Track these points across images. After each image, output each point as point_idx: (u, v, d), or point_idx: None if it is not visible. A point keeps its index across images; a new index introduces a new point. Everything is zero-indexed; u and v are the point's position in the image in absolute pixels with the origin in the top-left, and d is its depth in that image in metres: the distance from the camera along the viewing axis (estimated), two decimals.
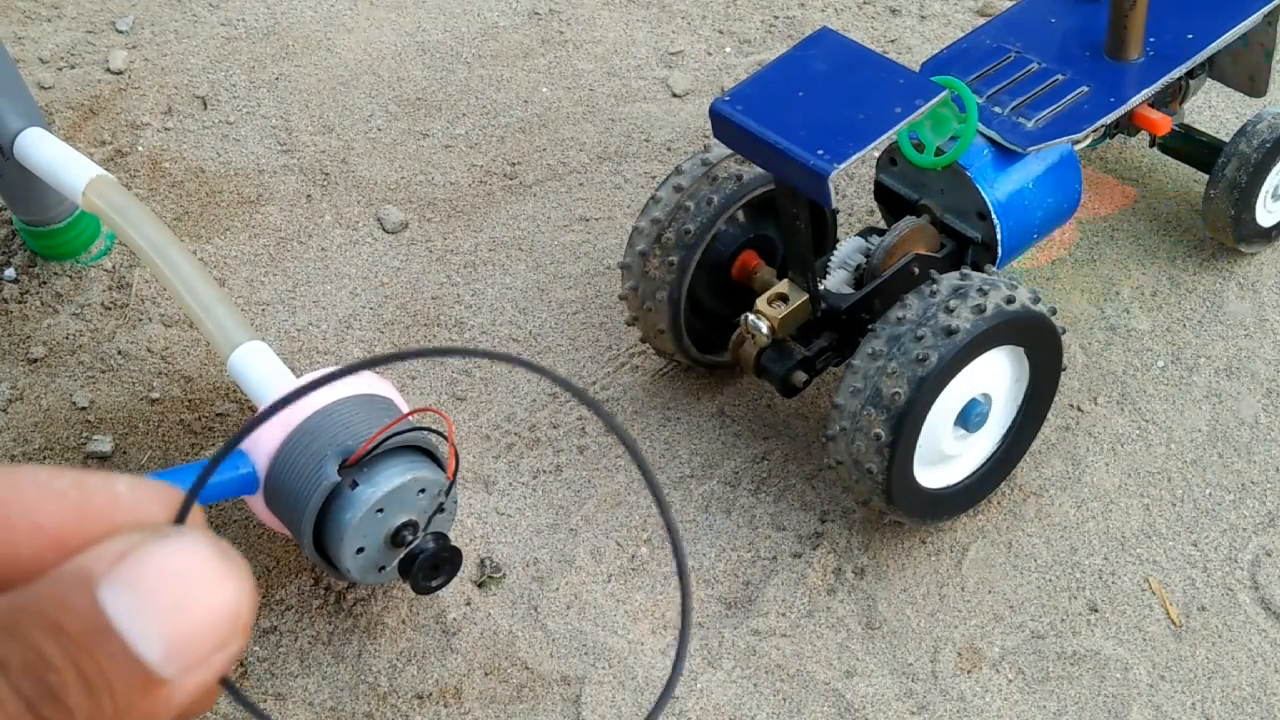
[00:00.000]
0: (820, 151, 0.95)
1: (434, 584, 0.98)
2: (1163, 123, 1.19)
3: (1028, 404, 1.08)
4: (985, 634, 1.06)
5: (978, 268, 1.11)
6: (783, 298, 1.07)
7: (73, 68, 1.57)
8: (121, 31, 1.62)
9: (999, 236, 1.10)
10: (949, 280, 1.02)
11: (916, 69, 1.17)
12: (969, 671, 1.04)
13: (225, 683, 0.25)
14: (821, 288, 1.09)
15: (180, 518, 0.24)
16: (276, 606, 1.08)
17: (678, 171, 1.13)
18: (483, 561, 1.10)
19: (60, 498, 0.24)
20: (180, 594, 0.22)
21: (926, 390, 0.98)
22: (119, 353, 1.27)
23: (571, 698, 1.03)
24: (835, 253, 1.12)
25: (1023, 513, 1.13)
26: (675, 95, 1.52)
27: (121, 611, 0.22)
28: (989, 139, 1.10)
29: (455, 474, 0.98)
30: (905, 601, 1.08)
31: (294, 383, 0.99)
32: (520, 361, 0.31)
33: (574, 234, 1.37)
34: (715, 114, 1.01)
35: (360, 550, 0.95)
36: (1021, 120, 1.12)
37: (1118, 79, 1.15)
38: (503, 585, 1.10)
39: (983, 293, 1.00)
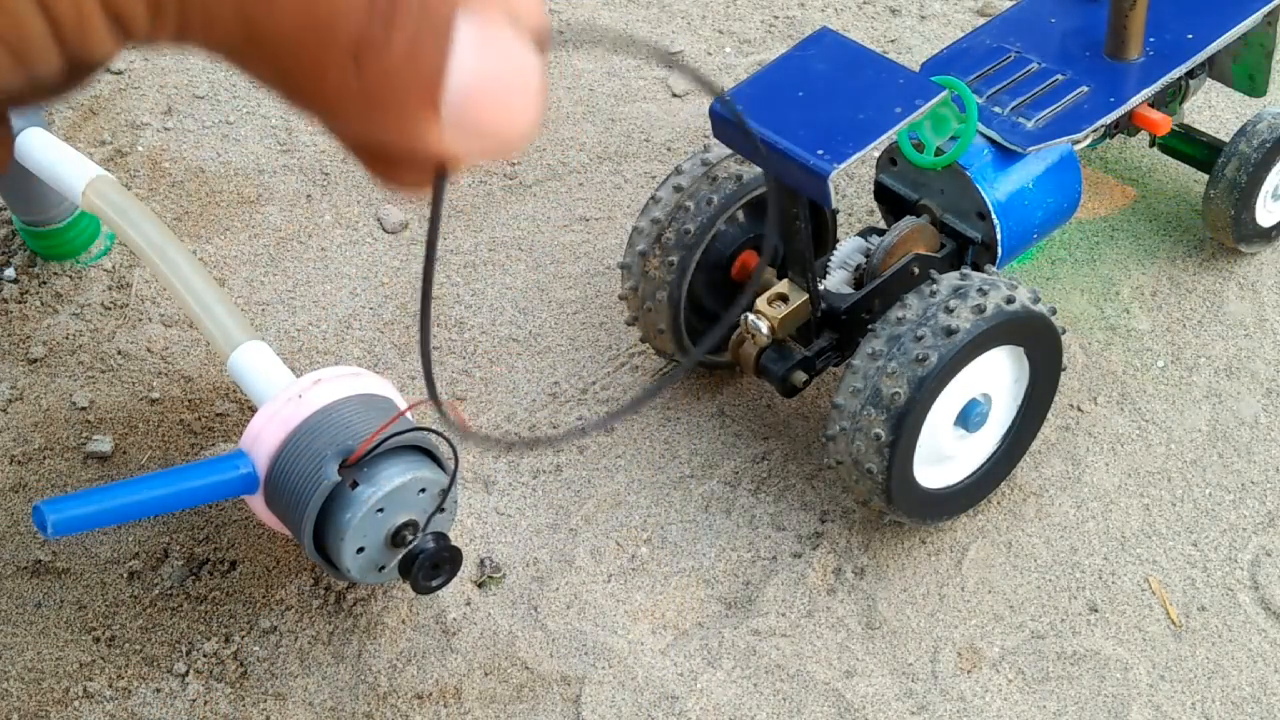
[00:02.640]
0: (820, 151, 0.95)
1: (434, 584, 0.98)
2: (1163, 123, 1.19)
3: (1028, 404, 1.08)
4: (985, 634, 1.06)
5: (978, 268, 1.11)
6: (783, 298, 1.07)
7: None
8: None
9: (999, 236, 1.10)
10: (949, 280, 1.02)
11: (916, 69, 1.18)
12: (969, 671, 1.04)
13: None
14: (821, 288, 1.09)
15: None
16: (276, 606, 1.08)
17: (678, 171, 1.13)
18: (483, 561, 1.10)
19: None
20: (515, 70, 0.24)
21: (926, 390, 0.98)
22: (119, 353, 1.27)
23: (571, 698, 1.03)
24: (835, 253, 1.12)
25: (1023, 513, 1.13)
26: (675, 95, 1.52)
27: (471, 48, 0.23)
28: (989, 139, 1.10)
29: (457, 465, 0.98)
30: (905, 601, 1.08)
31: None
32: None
33: (574, 234, 1.37)
34: (715, 114, 1.01)
35: (360, 550, 0.95)
36: (1021, 120, 1.12)
37: (1118, 79, 1.16)
38: (503, 585, 1.10)
39: (983, 293, 1.00)
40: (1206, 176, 1.26)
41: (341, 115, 0.22)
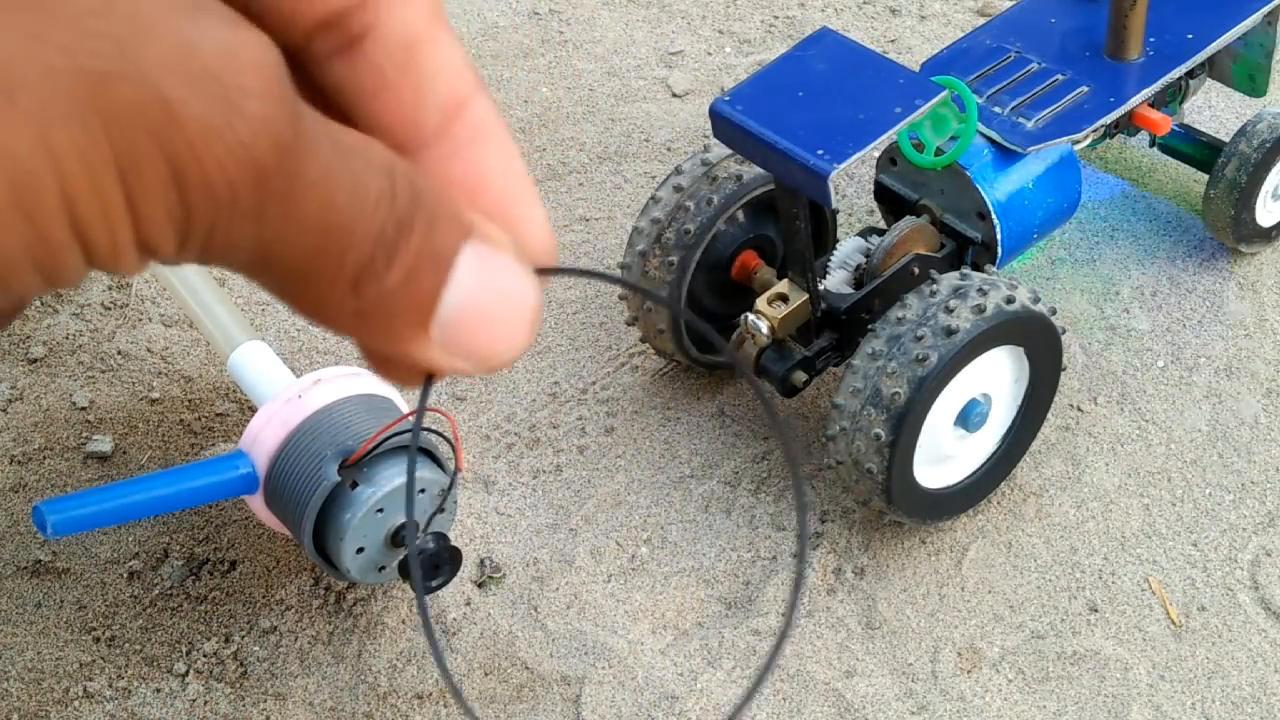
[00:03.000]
0: (820, 151, 0.95)
1: (434, 584, 0.98)
2: (1163, 123, 1.19)
3: (1028, 404, 1.08)
4: (985, 634, 1.06)
5: (978, 268, 1.11)
6: (783, 298, 1.07)
7: None
8: None
9: (999, 236, 1.10)
10: (949, 280, 1.02)
11: (916, 69, 1.18)
12: (969, 671, 1.04)
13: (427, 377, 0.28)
14: (821, 288, 1.09)
15: (542, 272, 0.27)
16: (276, 606, 1.08)
17: (678, 171, 1.13)
18: (483, 561, 1.11)
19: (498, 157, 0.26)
20: (513, 300, 0.25)
21: (926, 390, 0.98)
22: (119, 353, 1.27)
23: (571, 698, 1.03)
24: (835, 253, 1.12)
25: (1023, 513, 1.13)
26: (675, 95, 1.52)
27: (469, 277, 0.24)
28: (989, 139, 1.10)
29: (458, 470, 0.98)
30: (905, 601, 1.08)
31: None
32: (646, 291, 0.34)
33: (574, 234, 1.37)
34: (715, 114, 1.01)
35: (360, 550, 0.95)
36: (1021, 120, 1.12)
37: (1118, 79, 1.16)
38: (503, 585, 1.10)
39: (983, 293, 1.00)
40: (1206, 176, 1.26)
41: (338, 329, 0.24)
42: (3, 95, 0.19)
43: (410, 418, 0.97)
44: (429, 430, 0.99)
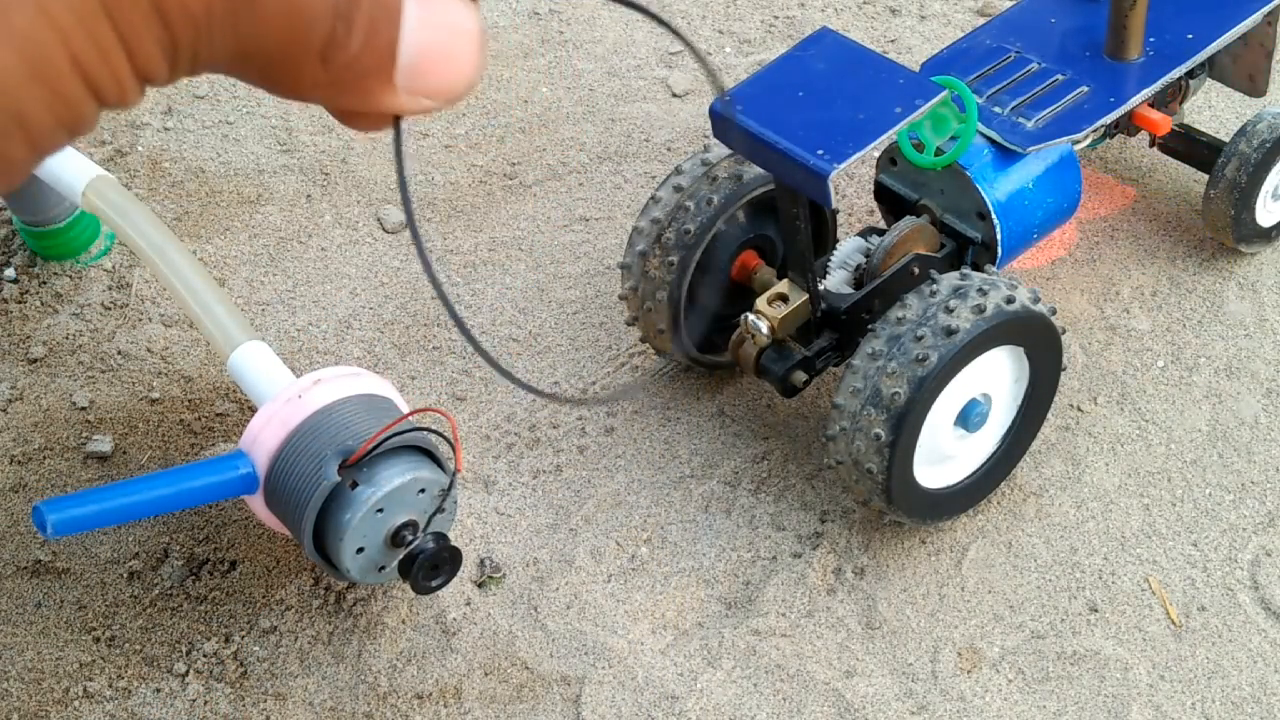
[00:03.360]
0: (820, 151, 0.95)
1: (434, 584, 0.98)
2: (1163, 123, 1.19)
3: (1028, 404, 1.09)
4: (985, 634, 1.06)
5: (978, 268, 1.11)
6: (783, 298, 1.07)
7: None
8: None
9: (999, 236, 1.10)
10: (949, 280, 1.02)
11: (916, 69, 1.18)
12: (969, 671, 1.04)
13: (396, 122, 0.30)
14: (821, 288, 1.09)
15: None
16: (276, 606, 1.08)
17: (678, 171, 1.13)
18: (483, 561, 1.11)
19: None
20: (456, 27, 0.28)
21: (926, 390, 0.98)
22: (119, 353, 1.27)
23: (571, 698, 1.03)
24: (835, 253, 1.12)
25: (1023, 513, 1.13)
26: (675, 95, 1.52)
27: (416, 16, 0.27)
28: (989, 139, 1.10)
29: (458, 471, 0.98)
30: (905, 601, 1.08)
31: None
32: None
33: (574, 234, 1.37)
34: (715, 114, 1.01)
35: (360, 550, 0.95)
36: (1021, 120, 1.12)
37: (1118, 79, 1.16)
38: (503, 585, 1.10)
39: (983, 293, 1.00)
40: (1206, 176, 1.26)
41: (314, 99, 0.27)
42: None
43: (410, 418, 0.97)
44: (429, 430, 0.98)
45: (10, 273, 1.33)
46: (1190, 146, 1.30)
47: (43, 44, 0.22)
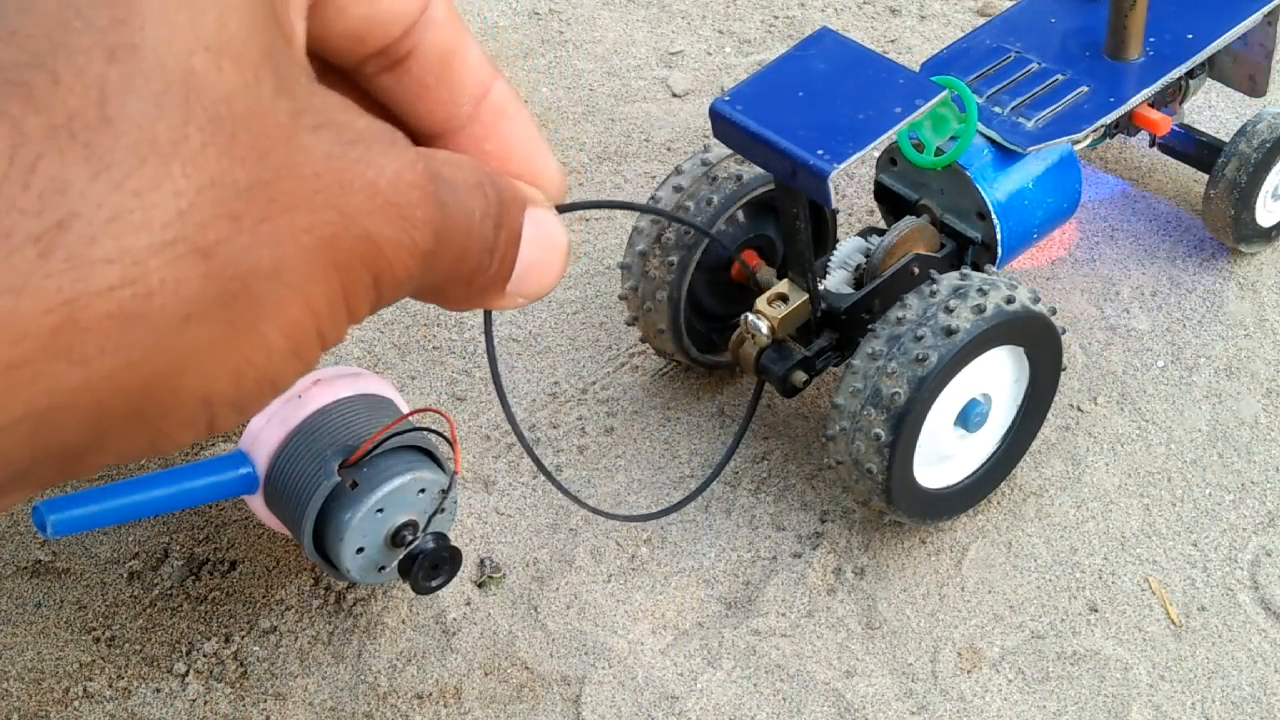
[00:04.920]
0: (820, 151, 0.95)
1: (434, 584, 0.98)
2: (1163, 123, 1.19)
3: (1028, 404, 1.09)
4: (985, 634, 1.06)
5: (978, 268, 1.11)
6: (783, 298, 1.07)
7: None
8: None
9: (999, 236, 1.10)
10: (949, 280, 1.02)
11: (916, 69, 1.18)
12: (969, 671, 1.04)
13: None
14: (821, 288, 1.09)
15: (560, 209, 0.34)
16: (276, 606, 1.08)
17: (678, 171, 1.13)
18: (483, 561, 1.11)
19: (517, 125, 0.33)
20: (553, 246, 0.32)
21: (926, 390, 0.98)
22: None
23: (571, 698, 1.03)
24: (835, 253, 1.12)
25: (1023, 513, 1.13)
26: (675, 95, 1.52)
27: (528, 237, 0.31)
28: (989, 139, 1.10)
29: (458, 472, 0.98)
30: (905, 601, 1.08)
31: None
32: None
33: (574, 234, 1.37)
34: (715, 114, 1.01)
35: (360, 550, 0.95)
36: (1021, 120, 1.12)
37: (1118, 79, 1.16)
38: (503, 585, 1.10)
39: (983, 293, 1.00)
40: (1206, 176, 1.26)
41: (448, 308, 0.31)
42: (279, 281, 0.25)
43: (410, 418, 0.97)
44: (429, 431, 0.99)
45: None
46: (1190, 146, 1.30)
47: (303, 327, 0.26)
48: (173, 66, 0.23)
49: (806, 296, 1.07)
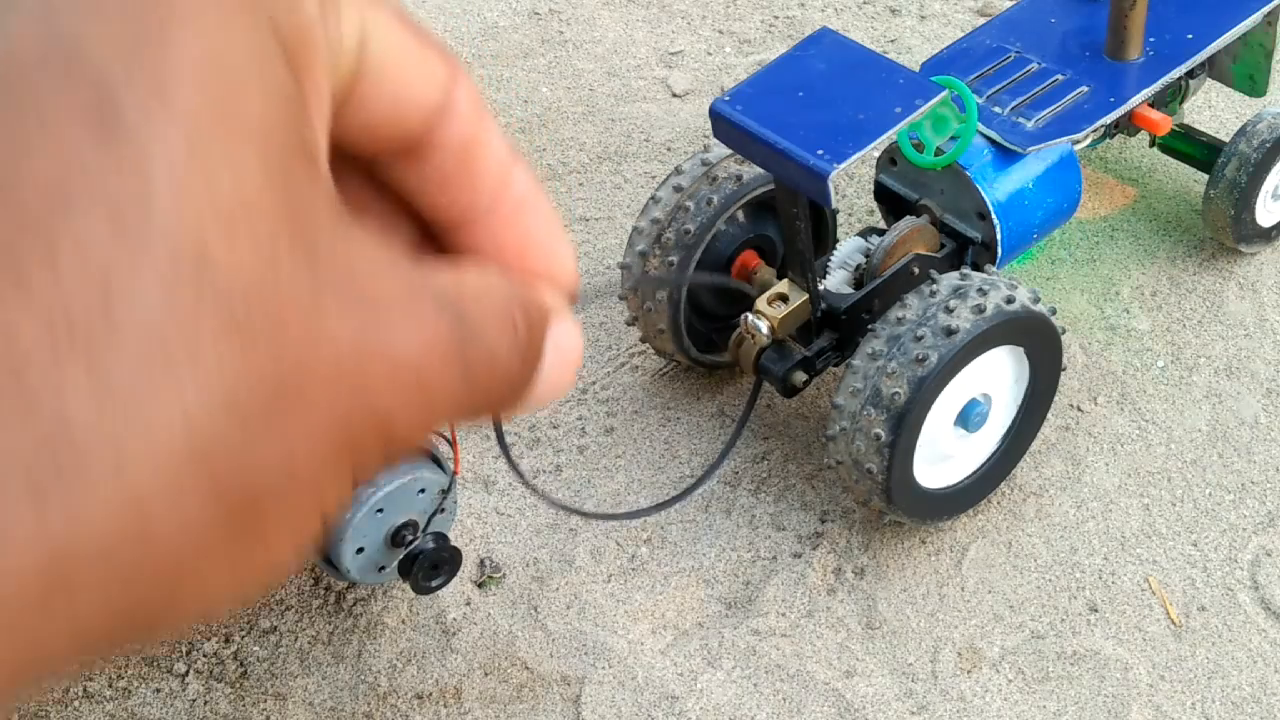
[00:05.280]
0: (820, 151, 0.95)
1: (434, 584, 0.98)
2: (1163, 123, 1.19)
3: (1028, 404, 1.08)
4: (985, 634, 1.06)
5: (978, 268, 1.11)
6: (783, 298, 1.07)
7: None
8: None
9: (999, 236, 1.10)
10: (949, 280, 1.02)
11: (916, 69, 1.18)
12: (969, 671, 1.04)
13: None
14: (821, 288, 1.09)
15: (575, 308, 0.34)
16: (276, 606, 1.08)
17: (678, 171, 1.13)
18: (483, 561, 1.11)
19: (526, 213, 0.32)
20: (569, 356, 0.31)
21: (926, 390, 0.98)
22: None
23: (571, 698, 1.03)
24: (835, 253, 1.12)
25: (1023, 513, 1.13)
26: (675, 95, 1.52)
27: (548, 353, 0.30)
28: (989, 139, 1.10)
29: (457, 472, 0.98)
30: (905, 601, 1.08)
31: None
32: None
33: (574, 234, 1.37)
34: (715, 114, 1.01)
35: (360, 550, 0.95)
36: (1021, 120, 1.12)
37: (1118, 79, 1.16)
38: (503, 585, 1.10)
39: (982, 293, 1.00)
40: (1206, 176, 1.26)
41: (470, 424, 0.31)
42: (287, 479, 0.24)
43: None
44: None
45: None
46: (1190, 146, 1.30)
47: (306, 509, 0.25)
48: (184, 242, 0.21)
49: (806, 296, 1.07)
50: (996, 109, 1.12)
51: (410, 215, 0.30)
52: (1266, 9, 1.20)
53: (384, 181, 0.30)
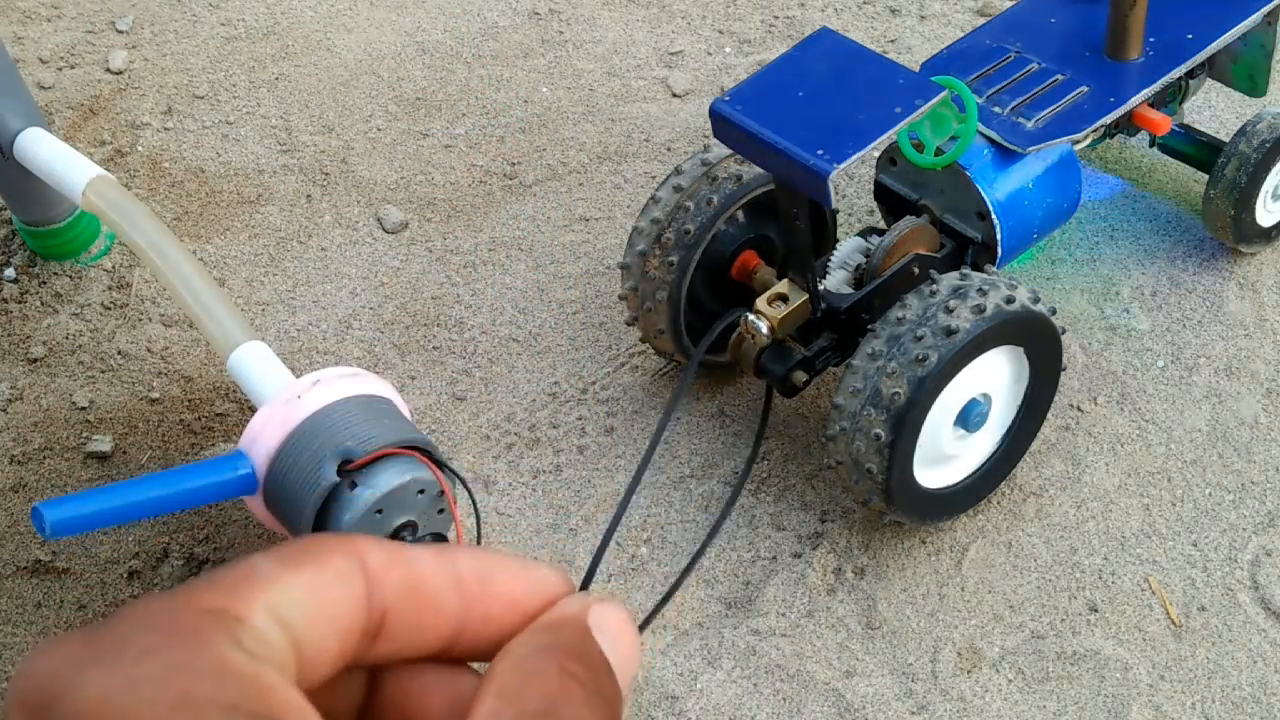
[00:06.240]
0: (820, 151, 0.95)
1: None
2: (1163, 123, 1.19)
3: (1028, 404, 1.08)
4: (985, 634, 1.06)
5: (978, 268, 1.11)
6: (783, 298, 1.07)
7: (73, 68, 1.57)
8: (121, 31, 1.62)
9: (999, 236, 1.10)
10: (949, 280, 1.02)
11: (916, 69, 1.17)
12: (969, 671, 1.04)
13: None
14: (821, 288, 1.09)
15: (584, 585, 0.37)
16: None
17: (677, 171, 1.13)
18: None
19: (519, 576, 0.35)
20: (626, 636, 0.35)
21: (926, 390, 0.98)
22: (119, 353, 1.27)
23: None
24: (835, 253, 1.12)
25: (1023, 513, 1.13)
26: (675, 95, 1.52)
27: (604, 646, 0.34)
28: (989, 139, 1.10)
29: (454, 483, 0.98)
30: (905, 601, 1.08)
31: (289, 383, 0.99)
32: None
33: (574, 234, 1.37)
34: (715, 114, 1.01)
35: None
36: (1021, 120, 1.12)
37: (1118, 79, 1.15)
38: None
39: (982, 293, 1.00)
40: (1206, 176, 1.26)
41: None
42: None
43: (409, 414, 0.97)
44: (432, 440, 0.98)
45: (10, 273, 1.33)
46: (1190, 146, 1.30)
47: None
48: None
49: (806, 296, 1.07)
50: (996, 109, 1.12)
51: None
52: (1266, 9, 1.20)
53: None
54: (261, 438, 0.96)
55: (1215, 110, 1.45)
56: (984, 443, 1.09)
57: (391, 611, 0.31)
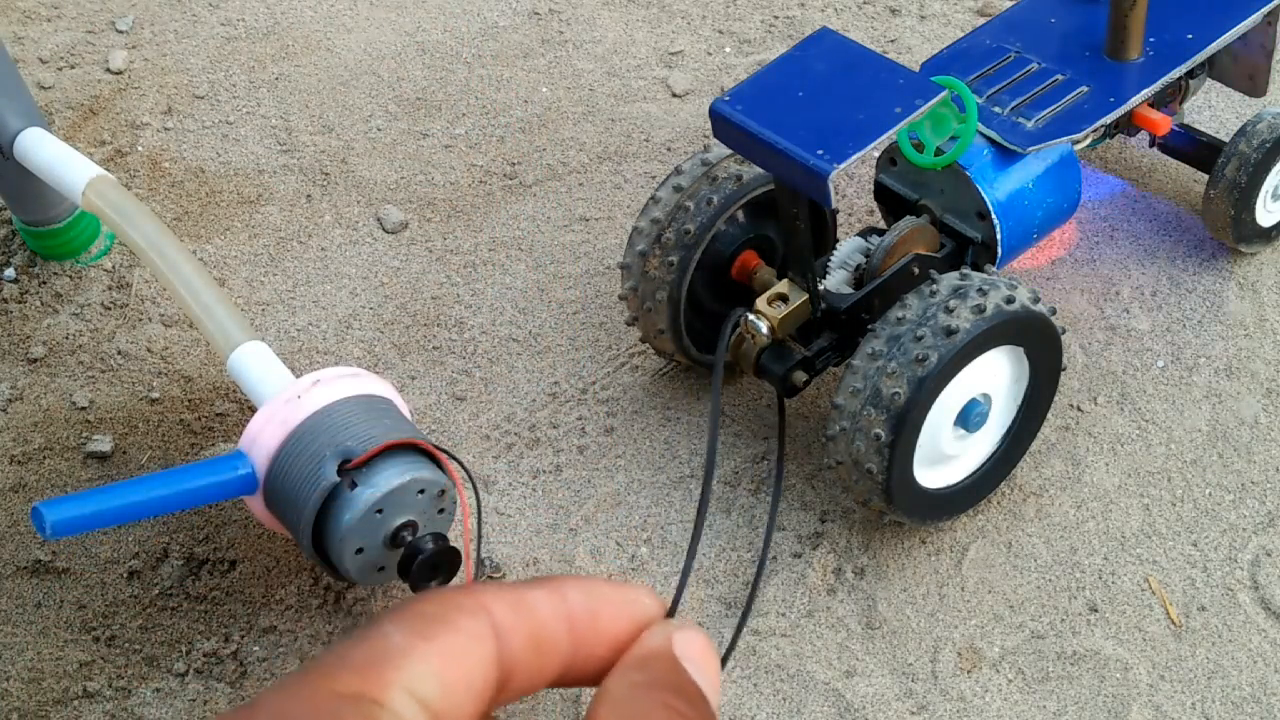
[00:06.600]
0: (820, 151, 0.95)
1: (433, 584, 0.98)
2: (1163, 123, 1.19)
3: (1028, 404, 1.08)
4: (985, 634, 1.06)
5: (978, 268, 1.11)
6: (783, 298, 1.07)
7: (73, 68, 1.57)
8: (121, 31, 1.62)
9: (999, 236, 1.10)
10: (949, 280, 1.02)
11: (916, 69, 1.18)
12: (969, 671, 1.04)
13: None
14: (821, 288, 1.09)
15: (670, 613, 0.37)
16: (276, 606, 1.08)
17: (678, 171, 1.13)
18: (483, 561, 1.10)
19: (622, 609, 0.35)
20: (710, 661, 0.34)
21: (926, 390, 0.98)
22: (119, 353, 1.27)
23: (571, 697, 1.03)
24: (835, 253, 1.12)
25: (1023, 513, 1.13)
26: (675, 95, 1.52)
27: (692, 675, 0.34)
28: (989, 139, 1.10)
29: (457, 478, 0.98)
30: (905, 601, 1.08)
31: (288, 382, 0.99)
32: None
33: (574, 234, 1.37)
34: (715, 114, 1.01)
35: (359, 551, 0.95)
36: (1021, 120, 1.12)
37: (1118, 79, 1.16)
38: None
39: (982, 293, 1.00)
40: (1206, 176, 1.26)
41: None
42: None
43: (408, 414, 0.97)
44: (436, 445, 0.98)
45: (10, 273, 1.33)
46: (1190, 146, 1.30)
47: None
48: None
49: (806, 296, 1.07)
50: (996, 109, 1.12)
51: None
52: (1266, 9, 1.20)
53: None
54: (261, 438, 0.96)
55: (1215, 110, 1.45)
56: (984, 443, 1.09)
57: (518, 664, 0.32)
